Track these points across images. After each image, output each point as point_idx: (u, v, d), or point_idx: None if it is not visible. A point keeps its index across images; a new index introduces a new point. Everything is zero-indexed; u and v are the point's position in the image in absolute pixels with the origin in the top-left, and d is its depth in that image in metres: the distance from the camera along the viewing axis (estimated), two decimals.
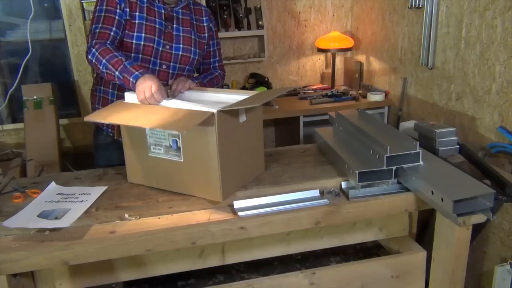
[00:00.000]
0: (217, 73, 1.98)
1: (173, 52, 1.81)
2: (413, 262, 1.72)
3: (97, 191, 1.55)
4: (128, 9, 1.71)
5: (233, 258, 1.70)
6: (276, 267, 2.36)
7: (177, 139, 1.44)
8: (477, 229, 1.91)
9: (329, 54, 3.48)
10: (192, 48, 1.85)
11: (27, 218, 1.37)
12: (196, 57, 1.88)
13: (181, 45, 1.82)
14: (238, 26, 3.22)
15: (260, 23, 3.23)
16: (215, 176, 1.41)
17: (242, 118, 1.50)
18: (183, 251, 1.61)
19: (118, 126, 1.61)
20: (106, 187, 1.58)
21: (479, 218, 1.35)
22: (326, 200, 1.48)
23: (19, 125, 2.99)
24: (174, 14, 1.81)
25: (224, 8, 3.17)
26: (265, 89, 3.23)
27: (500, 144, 1.98)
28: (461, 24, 2.25)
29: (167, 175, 1.52)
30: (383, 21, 3.04)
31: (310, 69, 3.60)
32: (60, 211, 1.40)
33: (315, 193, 1.52)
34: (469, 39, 2.20)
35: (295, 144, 2.24)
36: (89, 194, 1.53)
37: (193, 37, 1.85)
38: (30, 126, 2.80)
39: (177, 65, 1.83)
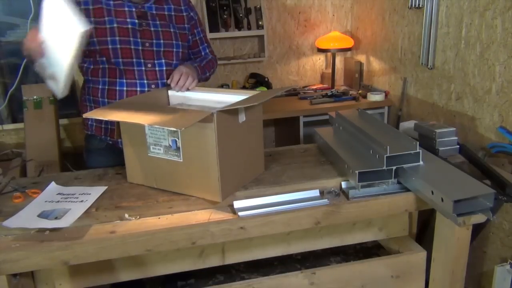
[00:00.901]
0: (210, 57, 1.98)
1: (155, 48, 1.76)
2: (413, 262, 1.72)
3: (97, 191, 1.55)
4: (92, 18, 1.68)
5: (233, 258, 1.70)
6: (276, 267, 2.36)
7: (177, 139, 1.44)
8: (477, 229, 1.91)
9: (329, 54, 3.48)
10: (174, 42, 1.80)
11: (27, 218, 1.37)
12: (180, 50, 1.83)
13: (162, 41, 1.77)
14: (238, 26, 3.22)
15: (260, 23, 3.23)
16: (214, 176, 1.41)
17: (242, 118, 1.50)
18: (183, 251, 1.61)
19: (118, 127, 1.61)
20: (106, 187, 1.58)
21: (479, 218, 1.35)
22: (326, 200, 1.48)
23: (19, 125, 2.99)
24: (147, 11, 1.76)
25: (224, 8, 3.17)
26: (265, 89, 3.23)
27: (500, 144, 1.98)
28: (461, 24, 2.25)
29: (166, 175, 1.52)
30: (383, 21, 3.04)
31: (310, 69, 3.60)
32: (60, 211, 1.40)
33: (315, 193, 1.52)
34: (469, 39, 2.20)
35: (295, 144, 2.24)
36: (89, 194, 1.53)
37: (172, 30, 1.81)
38: (30, 126, 2.80)
39: (163, 61, 1.78)
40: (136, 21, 1.73)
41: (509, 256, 1.86)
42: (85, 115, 1.48)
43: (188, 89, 1.76)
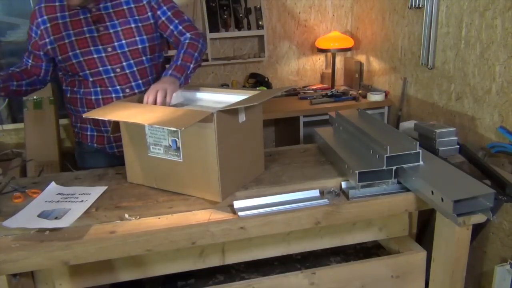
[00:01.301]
0: (187, 40, 1.74)
1: (119, 51, 1.68)
2: (413, 262, 1.72)
3: (97, 191, 1.55)
4: (52, 37, 1.66)
5: (233, 258, 1.70)
6: (276, 267, 2.36)
7: (177, 139, 1.44)
8: (477, 229, 1.91)
9: (329, 54, 3.48)
10: (137, 38, 1.70)
11: (27, 218, 1.37)
12: (147, 44, 1.73)
13: (123, 41, 1.68)
14: (238, 26, 3.22)
15: (260, 23, 3.23)
16: (214, 176, 1.41)
17: (242, 118, 1.50)
18: (183, 251, 1.60)
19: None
20: (106, 187, 1.58)
21: (479, 218, 1.35)
22: (326, 200, 1.48)
23: (19, 125, 2.99)
24: (103, 12, 1.68)
25: (224, 8, 3.17)
26: (265, 89, 3.23)
27: (500, 144, 1.98)
28: (461, 24, 2.25)
29: (166, 175, 1.52)
30: (383, 21, 3.04)
31: (310, 69, 3.60)
32: (60, 211, 1.40)
33: (315, 193, 1.51)
34: (469, 39, 2.20)
35: (295, 144, 2.24)
36: (89, 194, 1.53)
37: (133, 25, 1.70)
38: (30, 126, 2.80)
39: (131, 61, 1.71)
40: (93, 27, 1.67)
41: (509, 256, 1.86)
42: (85, 115, 1.48)
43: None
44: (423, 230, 1.95)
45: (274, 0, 3.37)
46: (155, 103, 1.52)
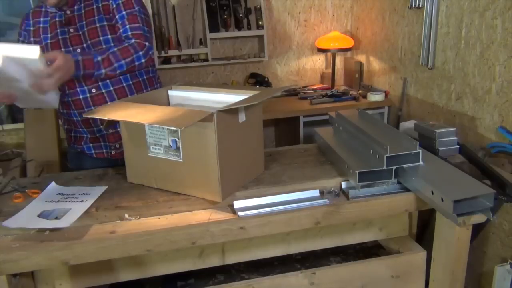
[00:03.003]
0: (125, 44, 1.64)
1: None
2: (413, 262, 1.72)
3: (97, 191, 1.55)
4: (32, 39, 1.70)
5: (233, 258, 1.70)
6: (276, 267, 2.36)
7: (177, 139, 1.44)
8: (477, 229, 1.91)
9: (329, 54, 3.48)
10: (101, 38, 1.68)
11: (27, 218, 1.37)
12: (111, 44, 1.68)
13: (89, 41, 1.68)
14: (238, 26, 3.22)
15: (260, 23, 3.23)
16: (214, 176, 1.41)
17: (242, 118, 1.50)
18: (183, 251, 1.61)
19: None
20: (106, 187, 1.57)
21: (479, 218, 1.35)
22: (326, 200, 1.47)
23: (19, 125, 2.99)
24: (75, 14, 1.70)
25: (224, 8, 3.17)
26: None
27: (500, 144, 1.98)
28: (461, 24, 2.25)
29: (166, 175, 1.52)
30: (383, 21, 3.04)
31: (310, 69, 3.61)
32: (60, 211, 1.40)
33: (315, 193, 1.51)
34: (469, 39, 2.20)
35: (295, 144, 2.24)
36: (89, 194, 1.53)
37: (98, 24, 1.68)
38: (30, 126, 2.80)
39: None
40: (65, 29, 1.69)
41: (509, 256, 1.86)
42: (85, 115, 1.48)
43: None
44: (423, 230, 1.95)
45: (274, 0, 3.37)
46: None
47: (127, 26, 1.67)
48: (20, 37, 1.77)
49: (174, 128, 1.40)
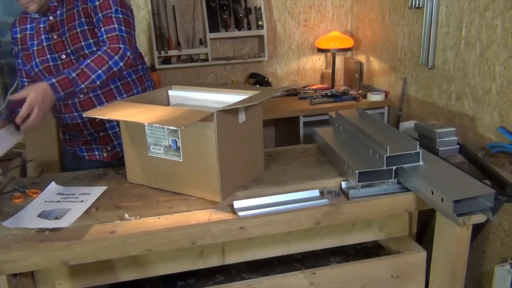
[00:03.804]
0: (99, 52, 1.55)
1: (72, 57, 1.66)
2: (413, 262, 1.72)
3: (97, 191, 1.55)
4: (20, 46, 1.72)
5: (233, 258, 1.70)
6: (276, 267, 2.36)
7: (177, 139, 1.44)
8: (477, 229, 1.91)
9: (329, 54, 3.48)
10: (83, 43, 1.64)
11: (27, 218, 1.37)
12: (94, 48, 1.65)
13: (72, 47, 1.65)
14: (238, 26, 3.22)
15: (260, 23, 3.23)
16: (214, 176, 1.41)
17: (242, 118, 1.50)
18: (183, 251, 1.61)
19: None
20: (106, 187, 1.58)
21: (479, 218, 1.35)
22: (326, 200, 1.48)
23: None
24: (58, 19, 1.67)
25: (224, 8, 3.17)
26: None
27: (500, 144, 1.98)
28: (461, 24, 2.25)
29: (166, 175, 1.52)
30: (383, 21, 3.04)
31: (310, 69, 3.60)
32: (60, 211, 1.40)
33: (315, 193, 1.51)
34: (469, 39, 2.20)
35: (295, 144, 2.24)
36: (89, 194, 1.53)
37: (79, 29, 1.64)
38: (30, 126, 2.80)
39: None
40: (49, 35, 1.67)
41: (509, 256, 1.86)
42: (85, 114, 1.47)
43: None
44: (423, 230, 1.95)
45: (274, 0, 3.37)
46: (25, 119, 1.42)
47: (102, 29, 1.61)
48: (13, 46, 1.77)
49: (174, 128, 1.40)
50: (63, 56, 1.68)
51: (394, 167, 1.48)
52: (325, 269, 1.69)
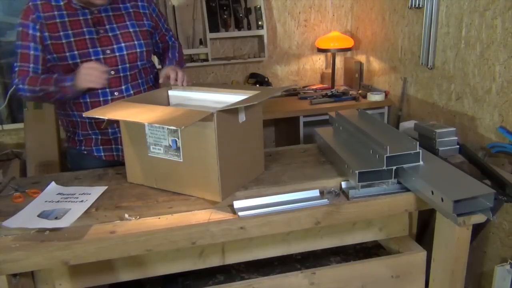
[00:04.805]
0: (176, 44, 1.98)
1: (117, 54, 1.70)
2: (413, 262, 1.72)
3: (97, 191, 1.55)
4: (47, 33, 1.63)
5: (233, 258, 1.70)
6: (276, 267, 2.36)
7: (177, 139, 1.44)
8: (477, 229, 1.91)
9: (329, 54, 3.48)
10: (135, 42, 1.73)
11: (27, 218, 1.37)
12: (144, 49, 1.76)
13: (123, 44, 1.70)
14: (238, 26, 3.22)
15: (260, 23, 3.23)
16: (214, 176, 1.41)
17: (242, 118, 1.50)
18: (183, 251, 1.61)
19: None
20: (106, 187, 1.57)
21: (479, 218, 1.35)
22: (326, 200, 1.48)
23: (19, 125, 2.99)
24: (103, 15, 1.70)
25: (224, 8, 3.17)
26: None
27: (500, 144, 1.98)
28: (461, 24, 2.25)
29: (166, 175, 1.52)
30: (383, 21, 3.04)
31: (310, 69, 3.60)
32: (60, 211, 1.40)
33: (315, 193, 1.51)
34: (469, 39, 2.20)
35: (295, 144, 2.24)
36: (89, 194, 1.53)
37: (131, 29, 1.73)
38: (30, 126, 2.80)
39: (127, 65, 1.72)
40: (93, 29, 1.67)
41: (509, 256, 1.86)
42: (85, 114, 1.47)
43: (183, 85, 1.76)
44: (423, 230, 1.95)
45: (274, 0, 3.37)
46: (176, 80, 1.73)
47: (171, 33, 1.97)
48: (28, 30, 1.64)
49: (174, 128, 1.40)
50: (108, 52, 1.68)
51: (394, 167, 1.47)
52: (325, 269, 1.69)
